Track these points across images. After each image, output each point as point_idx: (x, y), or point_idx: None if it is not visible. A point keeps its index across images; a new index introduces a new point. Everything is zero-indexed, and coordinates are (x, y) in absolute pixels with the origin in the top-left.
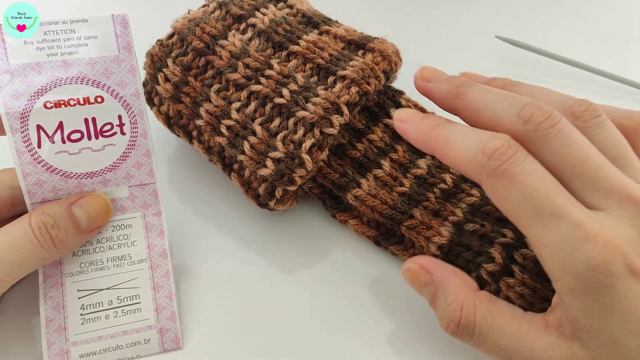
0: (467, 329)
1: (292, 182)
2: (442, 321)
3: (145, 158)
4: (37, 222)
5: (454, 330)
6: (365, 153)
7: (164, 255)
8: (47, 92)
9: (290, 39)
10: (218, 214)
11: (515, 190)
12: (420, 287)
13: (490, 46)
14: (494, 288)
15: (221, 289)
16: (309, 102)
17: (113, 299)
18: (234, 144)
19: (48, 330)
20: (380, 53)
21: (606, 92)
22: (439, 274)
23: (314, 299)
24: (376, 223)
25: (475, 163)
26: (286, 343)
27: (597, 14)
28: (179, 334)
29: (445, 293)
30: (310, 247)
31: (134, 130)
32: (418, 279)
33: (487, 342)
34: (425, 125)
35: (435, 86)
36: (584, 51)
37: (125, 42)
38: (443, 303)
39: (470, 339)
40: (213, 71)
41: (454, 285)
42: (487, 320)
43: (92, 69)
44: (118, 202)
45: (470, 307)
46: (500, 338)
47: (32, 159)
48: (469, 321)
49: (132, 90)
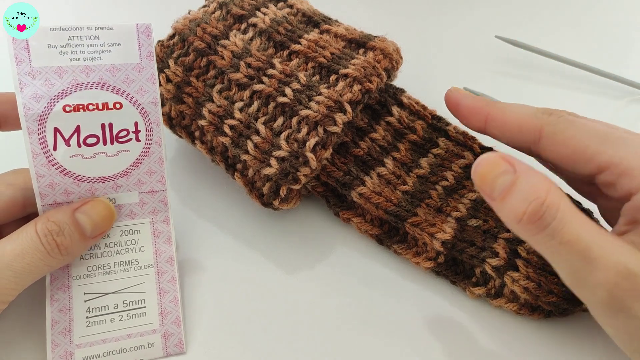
0: (550, 210)
1: (297, 181)
2: (521, 203)
3: (158, 165)
4: (43, 230)
5: (535, 210)
6: (368, 151)
7: (170, 261)
8: (67, 96)
9: (291, 38)
10: (221, 215)
11: (577, 127)
12: (496, 175)
13: (490, 46)
14: (499, 283)
15: (224, 289)
16: (312, 100)
17: (119, 302)
18: (238, 144)
19: (53, 332)
20: (382, 51)
21: (606, 92)
22: (521, 166)
23: (318, 298)
24: (379, 221)
25: (536, 118)
26: (290, 343)
27: (597, 14)
28: (182, 338)
29: (530, 178)
30: (313, 246)
31: (149, 137)
32: (497, 167)
33: (565, 231)
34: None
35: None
36: (584, 51)
37: (148, 51)
38: (526, 186)
39: (545, 226)
40: (215, 71)
41: (539, 175)
42: (571, 210)
43: (113, 75)
44: (127, 207)
45: (557, 191)
46: (582, 230)
47: (47, 161)
48: (554, 203)
49: (151, 98)
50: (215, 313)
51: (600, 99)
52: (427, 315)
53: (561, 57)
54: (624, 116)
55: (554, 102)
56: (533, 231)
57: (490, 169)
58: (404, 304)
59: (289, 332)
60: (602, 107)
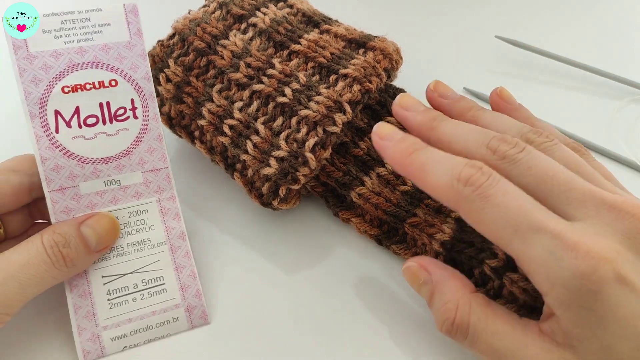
0: (461, 328)
1: (296, 181)
2: (438, 320)
3: (158, 142)
4: (49, 242)
5: (448, 329)
6: (368, 151)
7: (182, 237)
8: (65, 77)
9: (291, 38)
10: (220, 214)
11: (491, 211)
12: (419, 286)
13: (490, 46)
14: (497, 284)
15: (224, 289)
16: (312, 100)
17: (138, 282)
18: (237, 144)
19: (77, 317)
20: (382, 51)
21: (606, 92)
22: (437, 274)
23: (316, 298)
24: (378, 222)
25: (452, 190)
26: (289, 343)
27: (597, 14)
28: (205, 310)
29: (442, 293)
30: (312, 246)
31: (146, 113)
32: (417, 278)
33: (480, 343)
34: (403, 148)
35: (411, 115)
36: (584, 51)
37: (136, 29)
38: (439, 302)
39: (463, 339)
40: (215, 71)
41: (451, 286)
42: (481, 321)
43: (106, 54)
44: (133, 188)
45: (466, 307)
46: (494, 340)
47: (50, 143)
48: (464, 321)
49: (143, 73)
50: (214, 313)
51: (600, 99)
52: (427, 316)
53: (561, 57)
54: (624, 116)
55: (554, 102)
56: (457, 341)
57: (412, 280)
58: (403, 304)
59: (288, 332)
60: (602, 107)
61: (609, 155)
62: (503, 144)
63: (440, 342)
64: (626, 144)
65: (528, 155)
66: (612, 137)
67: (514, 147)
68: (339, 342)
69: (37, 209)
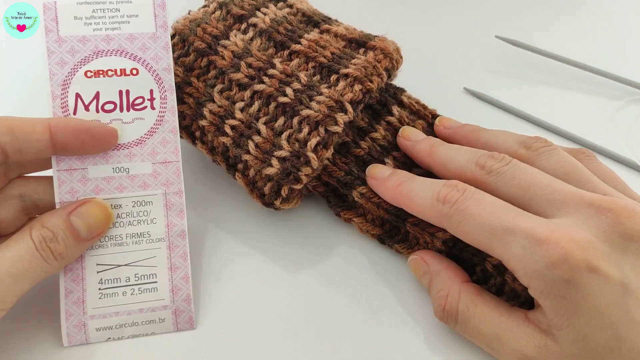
0: (450, 314)
1: (298, 181)
2: (433, 307)
3: (172, 135)
4: (37, 237)
5: (440, 315)
6: (369, 151)
7: (182, 235)
8: (89, 62)
9: (291, 38)
10: (222, 215)
11: (469, 222)
12: (420, 276)
13: (490, 46)
14: (499, 281)
15: (225, 289)
16: (313, 100)
17: (130, 275)
18: (239, 144)
19: (67, 302)
20: (382, 51)
21: (606, 92)
22: (434, 265)
23: (318, 297)
24: (380, 221)
25: (434, 210)
26: (291, 343)
27: (597, 14)
28: (193, 315)
29: (437, 282)
30: (314, 246)
31: (164, 105)
32: (419, 269)
33: (469, 328)
34: (393, 182)
35: (411, 145)
36: (584, 51)
37: (162, 22)
38: (434, 290)
39: (454, 324)
40: (216, 71)
41: (444, 276)
42: (469, 308)
43: (131, 43)
44: (140, 178)
45: (455, 295)
46: (481, 325)
47: None
48: (452, 308)
49: (165, 64)
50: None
51: (600, 99)
52: (429, 315)
53: (561, 57)
54: (623, 116)
55: (554, 102)
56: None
57: (415, 270)
58: (406, 303)
59: (290, 331)
60: (602, 107)
61: (609, 155)
62: (490, 160)
63: (444, 341)
64: (626, 144)
65: (512, 168)
66: (611, 137)
67: (499, 162)
68: (342, 342)
69: (32, 204)
